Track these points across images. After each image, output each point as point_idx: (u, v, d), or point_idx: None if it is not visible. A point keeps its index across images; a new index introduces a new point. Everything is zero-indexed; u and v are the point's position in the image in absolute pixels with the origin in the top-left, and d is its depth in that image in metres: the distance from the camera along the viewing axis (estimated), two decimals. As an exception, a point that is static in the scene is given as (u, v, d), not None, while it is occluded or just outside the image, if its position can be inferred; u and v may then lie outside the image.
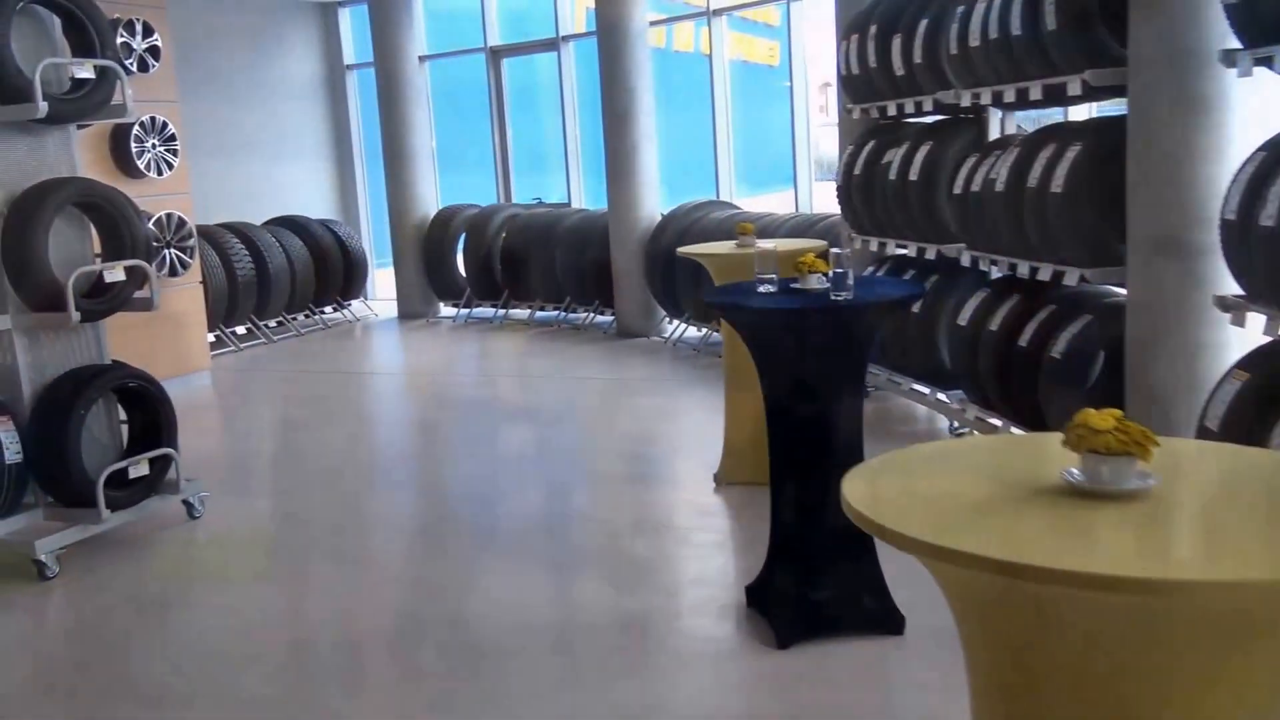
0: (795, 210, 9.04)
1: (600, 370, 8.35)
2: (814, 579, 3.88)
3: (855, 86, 6.41)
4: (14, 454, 4.52)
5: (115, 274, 4.71)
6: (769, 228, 7.85)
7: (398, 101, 11.15)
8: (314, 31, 12.46)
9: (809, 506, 3.89)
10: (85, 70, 4.59)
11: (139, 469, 4.79)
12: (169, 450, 4.93)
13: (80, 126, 4.96)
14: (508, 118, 11.73)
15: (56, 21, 4.79)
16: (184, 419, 7.60)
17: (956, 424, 5.85)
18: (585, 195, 11.30)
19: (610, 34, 9.10)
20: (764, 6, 9.99)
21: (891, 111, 6.12)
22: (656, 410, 7.17)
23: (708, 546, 4.81)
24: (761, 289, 3.87)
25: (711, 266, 5.34)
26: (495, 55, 11.65)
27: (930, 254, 5.82)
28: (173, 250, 8.24)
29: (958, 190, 5.46)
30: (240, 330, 10.42)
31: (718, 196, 9.75)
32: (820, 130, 9.83)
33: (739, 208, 9.23)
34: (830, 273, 3.66)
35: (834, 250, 3.66)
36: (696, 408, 7.07)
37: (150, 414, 4.96)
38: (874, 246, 6.37)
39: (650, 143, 9.26)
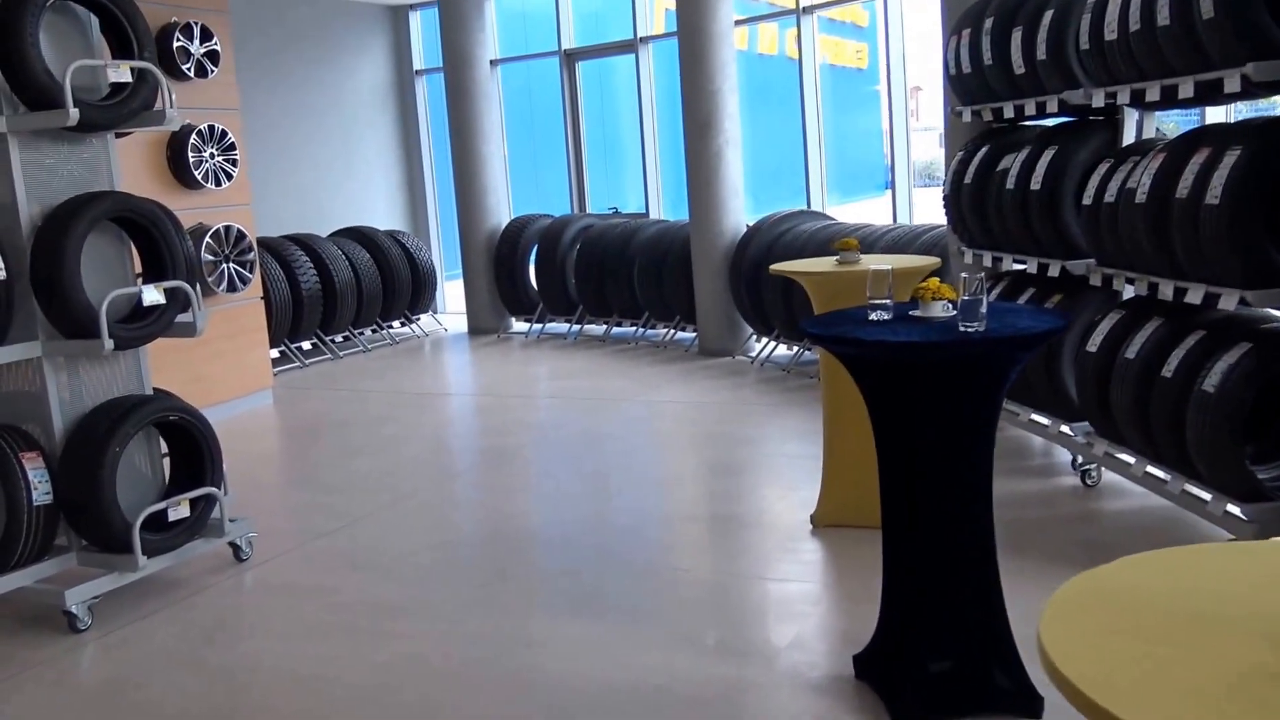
0: (893, 221, 8.45)
1: (681, 392, 7.82)
2: (935, 648, 3.34)
3: (966, 86, 5.82)
4: (43, 494, 4.12)
5: (154, 296, 4.30)
6: (866, 241, 7.27)
7: (468, 107, 10.74)
8: (383, 35, 12.13)
9: (929, 564, 3.35)
10: (121, 73, 4.18)
11: (179, 510, 4.37)
12: (212, 490, 4.50)
13: (119, 135, 4.54)
14: (582, 124, 11.27)
15: (95, 22, 4.40)
16: (241, 444, 7.29)
17: (1081, 460, 5.23)
18: (664, 205, 10.82)
19: (692, 35, 8.58)
20: (851, 5, 9.42)
21: (1008, 114, 5.51)
22: (744, 439, 6.61)
23: (805, 602, 4.25)
24: (874, 316, 3.32)
25: (810, 287, 4.77)
26: (570, 58, 11.20)
27: (1053, 270, 5.20)
28: (232, 264, 7.89)
29: (1088, 200, 4.84)
30: (306, 346, 10.09)
31: (808, 206, 9.19)
32: (910, 135, 9.23)
33: (832, 218, 8.65)
34: (959, 299, 3.11)
35: (965, 274, 3.10)
36: (788, 437, 6.51)
37: (193, 449, 4.54)
38: (987, 261, 5.77)
39: (735, 149, 8.72)
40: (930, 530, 3.34)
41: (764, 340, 8.73)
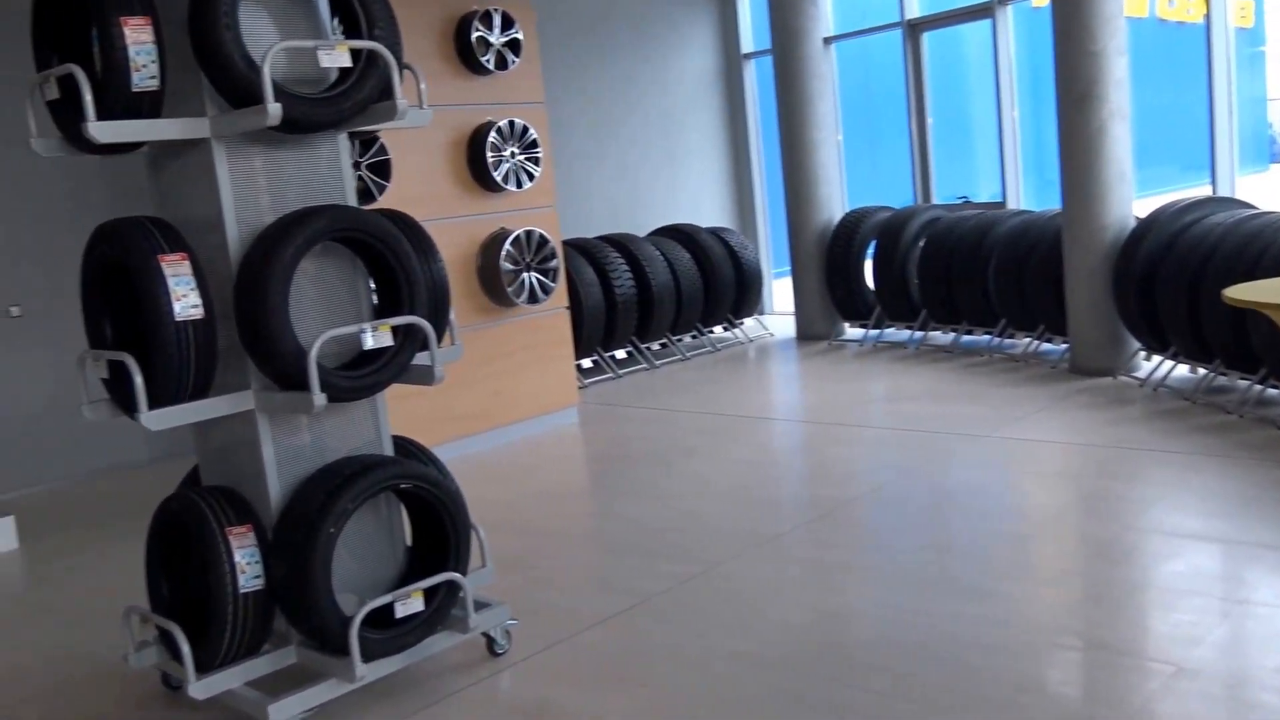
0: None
1: (1049, 426, 6.31)
2: None
3: None
4: (252, 579, 3.37)
5: (379, 337, 3.45)
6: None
7: (798, 91, 9.58)
8: (707, 16, 11.17)
9: None
10: (337, 57, 3.34)
11: (410, 604, 3.51)
12: (454, 576, 3.61)
13: (357, 137, 3.73)
14: (928, 102, 9.82)
15: (324, 1, 3.60)
16: (529, 476, 6.44)
17: None
18: (1024, 193, 9.24)
19: (1068, -15, 7.01)
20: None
21: None
22: (1141, 503, 5.02)
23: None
24: None
25: None
26: (914, 29, 9.80)
27: None
28: (533, 274, 7.14)
29: None
30: (620, 354, 9.32)
31: (1214, 190, 7.39)
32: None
33: (1253, 206, 6.82)
34: None
35: None
36: (1211, 507, 4.82)
37: (434, 522, 3.67)
38: None
39: (1123, 123, 7.06)
40: None
41: (1157, 359, 7.04)
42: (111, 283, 3.39)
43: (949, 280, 8.60)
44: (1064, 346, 7.80)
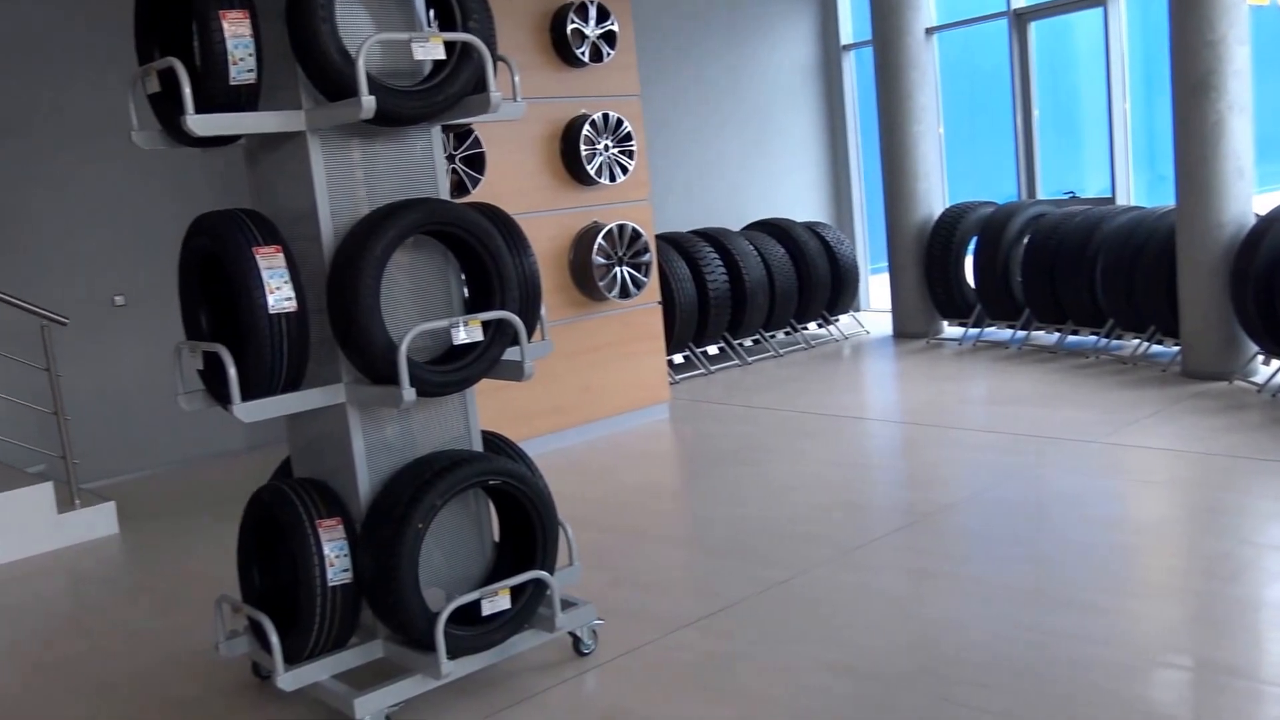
0: None
1: (1160, 433, 6.06)
2: None
3: None
4: (340, 572, 3.37)
5: (470, 331, 3.41)
6: None
7: (899, 82, 9.39)
8: (806, 8, 11.00)
9: None
10: (430, 49, 3.30)
11: (496, 602, 3.47)
12: (541, 575, 3.57)
13: (451, 130, 3.71)
14: (1034, 94, 9.54)
15: (421, -3, 3.58)
16: (618, 472, 6.43)
17: None
18: (1135, 188, 8.92)
19: (1186, -29, 6.72)
20: None
21: None
22: (1260, 517, 4.75)
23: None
24: None
25: None
26: (1020, 19, 9.53)
27: None
28: (625, 268, 7.08)
29: None
30: (712, 350, 9.23)
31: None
32: None
33: (1383, 204, 6.49)
34: None
35: None
36: None
37: (521, 519, 3.63)
38: None
39: (1243, 115, 6.75)
40: None
41: (1276, 363, 6.73)
42: (208, 274, 3.42)
43: (1054, 278, 8.35)
44: (1175, 349, 7.51)
